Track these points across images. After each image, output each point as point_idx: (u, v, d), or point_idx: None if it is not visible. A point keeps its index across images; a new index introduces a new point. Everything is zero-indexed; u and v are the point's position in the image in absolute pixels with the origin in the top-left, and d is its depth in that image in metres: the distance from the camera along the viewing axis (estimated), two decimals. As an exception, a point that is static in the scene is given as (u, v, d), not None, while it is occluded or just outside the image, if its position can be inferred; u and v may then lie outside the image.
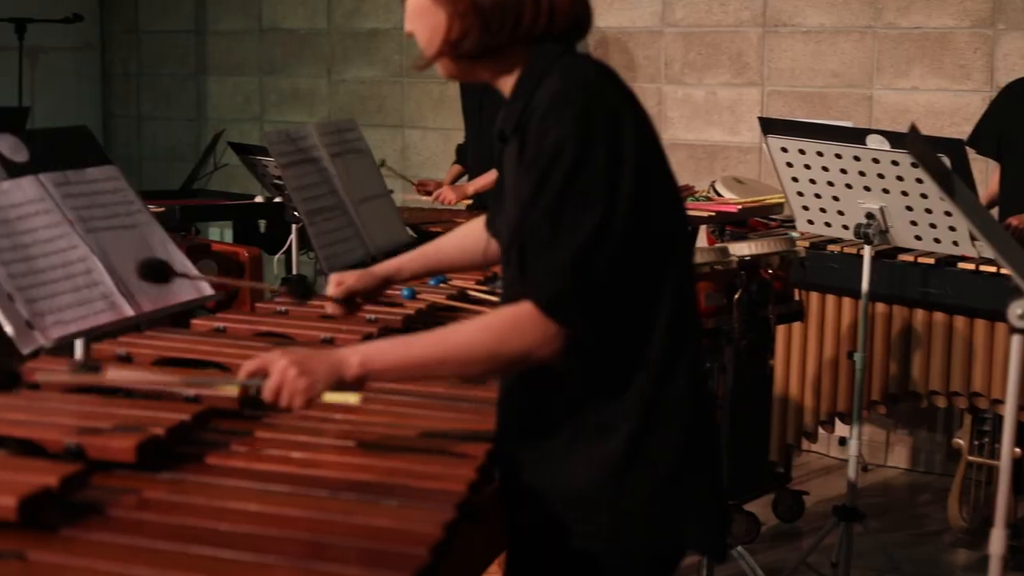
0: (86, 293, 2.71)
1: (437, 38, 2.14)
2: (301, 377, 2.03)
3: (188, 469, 2.02)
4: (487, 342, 2.02)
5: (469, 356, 2.03)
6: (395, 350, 2.07)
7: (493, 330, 2.02)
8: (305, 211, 3.64)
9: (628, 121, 2.03)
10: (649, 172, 2.05)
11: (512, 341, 2.00)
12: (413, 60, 2.27)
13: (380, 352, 2.07)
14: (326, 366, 2.04)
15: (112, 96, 9.04)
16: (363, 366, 2.04)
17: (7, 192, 2.73)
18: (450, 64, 2.18)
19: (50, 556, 1.67)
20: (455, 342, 2.04)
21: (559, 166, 1.98)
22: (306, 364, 2.04)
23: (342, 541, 1.74)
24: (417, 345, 2.06)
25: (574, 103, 2.01)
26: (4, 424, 2.10)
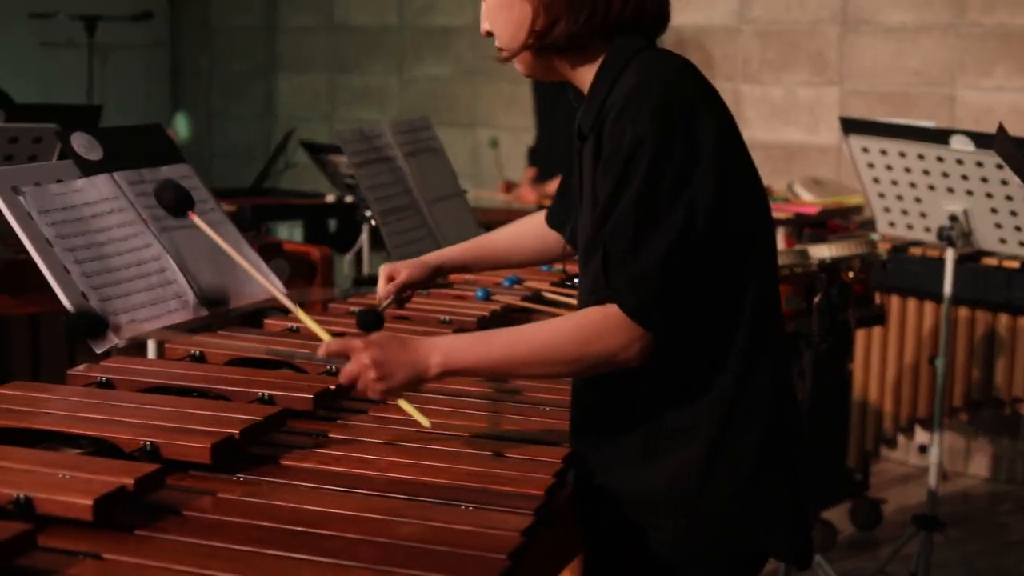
0: (159, 292, 2.69)
1: (522, 31, 2.10)
2: (380, 381, 2.02)
3: (262, 471, 2.00)
4: (571, 344, 1.98)
5: (552, 357, 2.00)
6: (476, 349, 2.03)
7: (577, 332, 1.98)
8: (378, 211, 3.61)
9: (708, 117, 1.99)
10: (729, 169, 2.01)
11: (596, 344, 1.96)
12: (492, 55, 2.22)
13: (460, 351, 2.03)
14: (405, 370, 2.02)
15: (182, 93, 9.08)
16: (443, 367, 2.02)
17: (82, 190, 2.72)
18: (531, 59, 2.14)
19: (125, 556, 1.66)
20: (538, 343, 2.01)
21: (637, 165, 1.94)
22: (386, 366, 2.01)
23: (420, 545, 1.71)
24: (498, 345, 2.03)
25: (652, 98, 1.97)
26: (80, 423, 2.09)
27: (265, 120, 8.66)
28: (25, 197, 2.60)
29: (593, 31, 2.07)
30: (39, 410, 2.20)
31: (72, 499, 1.71)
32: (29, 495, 1.72)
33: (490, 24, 2.17)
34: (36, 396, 2.29)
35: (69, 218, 2.65)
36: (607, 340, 1.96)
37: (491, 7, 2.16)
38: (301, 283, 4.19)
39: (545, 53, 2.12)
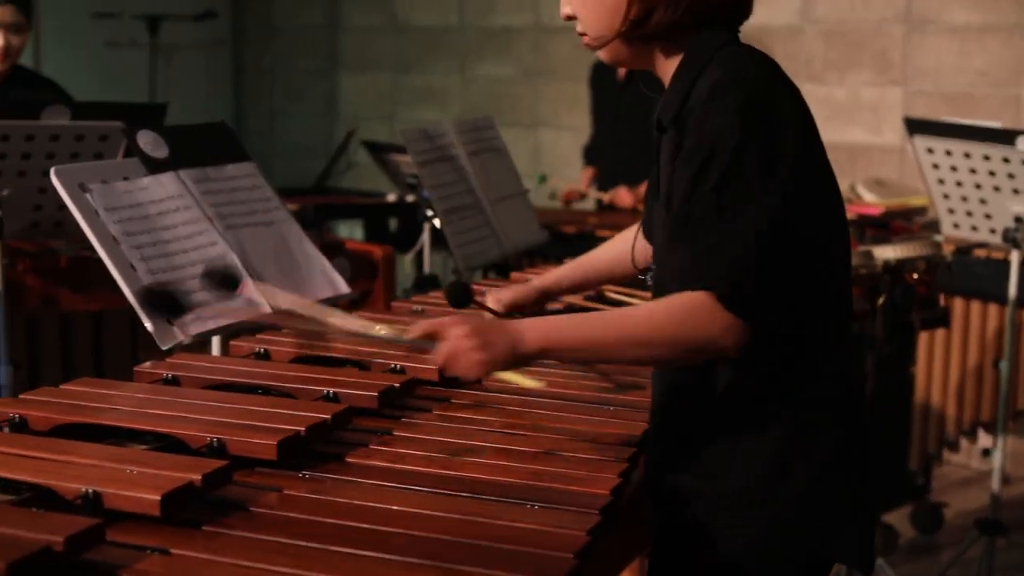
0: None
1: (616, 18, 2.05)
2: (478, 351, 1.96)
3: (328, 468, 2.01)
4: (668, 327, 1.93)
5: (650, 339, 1.94)
6: (574, 330, 1.99)
7: (673, 315, 1.94)
8: (441, 210, 3.62)
9: (790, 113, 1.98)
10: (809, 167, 1.99)
11: (692, 328, 1.92)
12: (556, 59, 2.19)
13: (559, 330, 1.99)
14: (504, 341, 1.96)
15: (244, 92, 9.13)
16: (541, 343, 1.96)
17: (148, 188, 2.73)
18: (621, 47, 2.10)
19: (192, 552, 1.66)
20: (635, 324, 1.96)
21: (720, 156, 1.92)
22: (485, 336, 1.97)
23: (486, 543, 1.71)
24: (597, 326, 1.99)
25: (736, 92, 1.94)
26: (146, 419, 2.10)
27: (327, 119, 8.69)
28: (92, 194, 2.62)
29: (692, 21, 2.04)
30: (106, 406, 2.22)
31: (140, 494, 1.72)
32: (97, 490, 1.73)
33: (573, 8, 2.12)
34: (103, 392, 2.31)
35: (135, 215, 2.66)
36: (704, 325, 1.92)
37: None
38: (363, 282, 4.20)
39: (637, 42, 2.08)
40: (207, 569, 1.62)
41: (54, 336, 3.90)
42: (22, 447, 1.93)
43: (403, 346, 2.50)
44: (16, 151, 3.55)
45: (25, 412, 2.17)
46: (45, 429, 2.13)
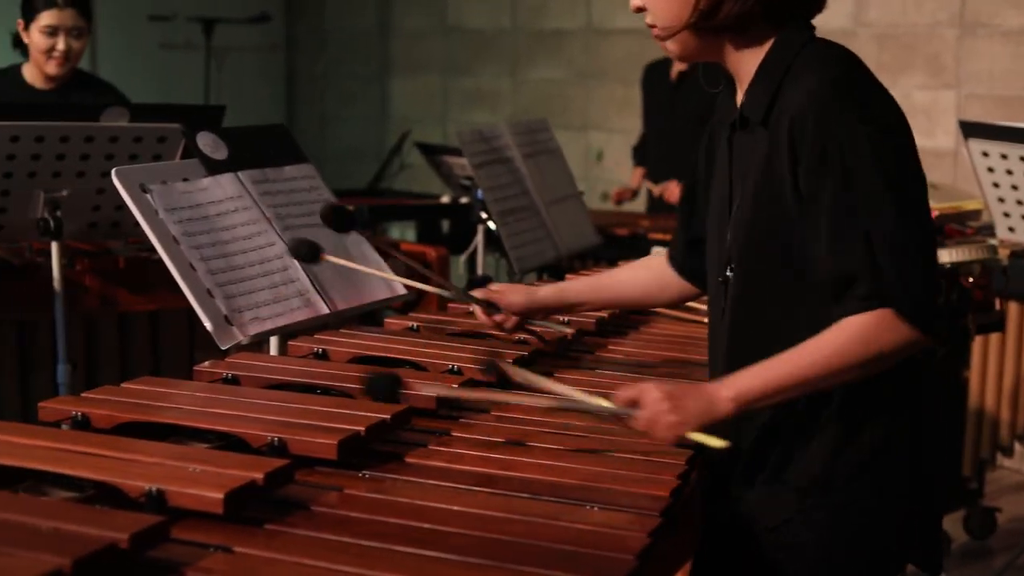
0: (283, 290, 2.72)
1: (685, 9, 2.03)
2: (672, 413, 1.99)
3: (388, 468, 2.02)
4: (857, 353, 1.95)
5: (841, 368, 1.96)
6: (763, 375, 2.00)
7: (861, 340, 1.95)
8: (497, 211, 3.63)
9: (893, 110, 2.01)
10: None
11: (875, 346, 1.94)
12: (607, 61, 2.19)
13: (749, 380, 2.00)
14: (699, 405, 2.00)
15: (296, 96, 9.17)
16: (735, 399, 2.00)
17: (207, 189, 2.76)
18: (690, 39, 2.07)
19: (255, 550, 1.68)
20: (825, 357, 1.97)
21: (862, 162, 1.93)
22: (679, 401, 2.00)
23: (546, 544, 1.72)
24: (786, 369, 1.99)
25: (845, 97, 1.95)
26: (207, 418, 2.12)
27: (378, 122, 8.72)
28: (152, 195, 2.64)
29: (762, 13, 2.03)
30: (167, 405, 2.24)
31: (203, 492, 1.74)
32: (161, 488, 1.75)
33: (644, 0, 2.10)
34: (163, 391, 2.33)
35: (195, 216, 2.69)
36: (885, 343, 1.94)
37: None
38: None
39: (707, 33, 2.06)
40: (270, 567, 1.63)
41: (111, 335, 3.93)
42: (85, 445, 1.95)
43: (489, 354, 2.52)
44: (75, 152, 3.58)
45: (87, 410, 2.19)
46: (107, 427, 2.16)
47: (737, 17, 2.02)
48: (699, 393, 2.01)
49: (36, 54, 4.55)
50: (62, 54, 4.51)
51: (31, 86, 4.66)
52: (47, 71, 4.57)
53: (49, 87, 4.66)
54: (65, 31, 4.50)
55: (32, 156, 3.53)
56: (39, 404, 2.25)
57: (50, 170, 3.59)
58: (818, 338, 1.98)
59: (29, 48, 4.59)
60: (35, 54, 4.56)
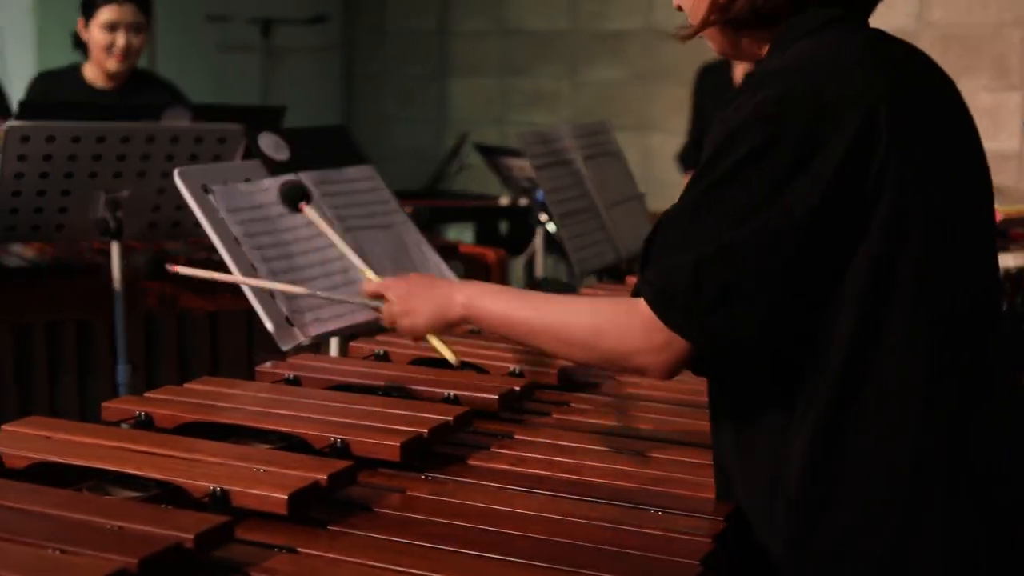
0: (343, 291, 2.72)
1: (703, 3, 1.86)
2: (405, 316, 2.07)
3: (450, 470, 2.02)
4: (586, 329, 1.79)
5: (565, 336, 1.82)
6: (499, 304, 1.92)
7: (597, 318, 1.79)
8: (558, 213, 3.62)
9: (850, 120, 1.68)
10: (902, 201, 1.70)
11: (612, 336, 1.76)
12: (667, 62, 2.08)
13: (483, 301, 1.95)
14: (430, 306, 2.02)
15: (354, 96, 9.19)
16: (466, 309, 1.97)
17: (269, 190, 2.76)
18: (719, 36, 1.90)
19: (319, 551, 1.68)
20: (556, 317, 1.84)
21: (722, 157, 1.69)
22: (410, 303, 2.05)
23: (610, 548, 1.71)
24: (521, 307, 1.89)
25: (772, 86, 1.71)
26: (270, 418, 2.12)
27: (436, 124, 8.72)
28: (215, 195, 2.65)
29: (780, 4, 1.81)
30: (229, 405, 2.25)
31: (267, 493, 1.74)
32: (226, 488, 1.76)
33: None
34: (226, 391, 2.34)
35: (256, 217, 2.69)
36: (624, 335, 1.74)
37: None
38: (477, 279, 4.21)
39: (731, 29, 1.87)
40: (333, 568, 1.64)
41: (171, 336, 3.94)
42: (148, 444, 1.96)
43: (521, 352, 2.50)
44: (136, 153, 3.60)
45: (150, 410, 2.20)
46: (170, 427, 2.16)
47: (753, 10, 1.82)
48: (434, 293, 2.02)
49: (97, 51, 4.59)
50: (122, 50, 4.56)
51: (91, 86, 4.70)
52: (108, 67, 4.61)
53: (109, 86, 4.70)
54: (125, 26, 4.55)
55: (93, 156, 3.55)
56: (102, 404, 2.27)
57: (111, 170, 3.60)
58: (574, 298, 1.95)
59: (89, 46, 4.62)
60: (96, 51, 4.60)
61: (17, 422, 2.09)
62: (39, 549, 1.51)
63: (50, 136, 3.48)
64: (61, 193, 3.58)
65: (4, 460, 1.93)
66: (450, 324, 2.01)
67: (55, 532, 1.56)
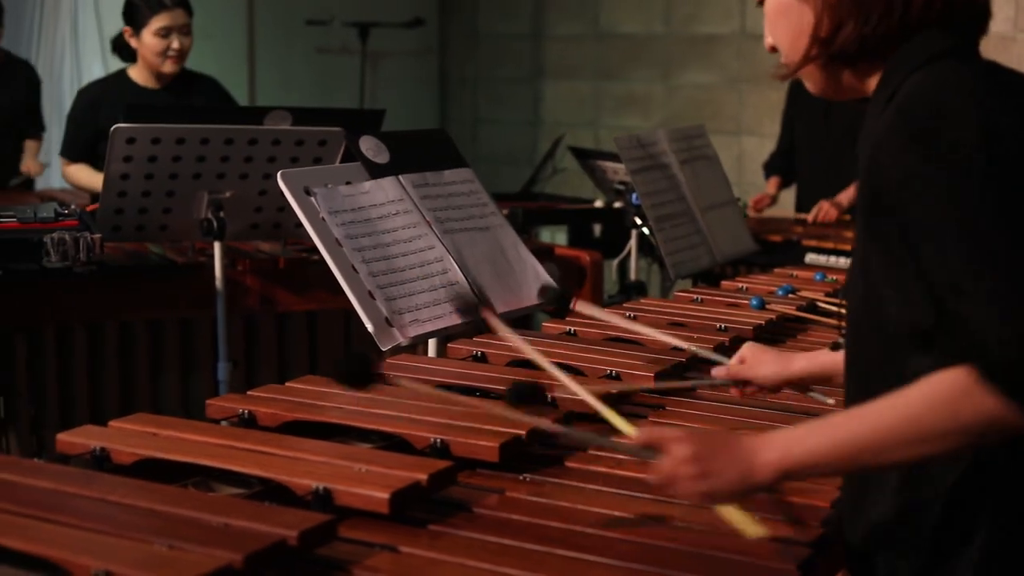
0: (442, 293, 2.75)
1: (803, 39, 1.78)
2: (699, 480, 1.69)
3: (548, 472, 2.03)
4: (937, 418, 1.58)
5: (916, 436, 1.60)
6: (819, 442, 1.66)
7: (941, 402, 1.58)
8: (653, 217, 3.63)
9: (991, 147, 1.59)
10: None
11: (967, 412, 1.57)
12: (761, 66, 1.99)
13: (801, 449, 1.66)
14: (734, 472, 1.68)
15: (449, 99, 9.23)
16: (780, 464, 1.66)
17: (369, 192, 2.79)
18: (819, 73, 1.81)
19: (419, 550, 1.70)
20: (892, 422, 1.61)
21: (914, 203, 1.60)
22: (710, 464, 1.68)
23: (708, 552, 1.72)
24: (843, 432, 1.65)
25: (912, 122, 1.62)
26: (371, 418, 2.15)
27: (529, 127, 8.75)
28: (317, 198, 2.69)
29: (888, 35, 1.72)
30: (331, 404, 2.28)
31: (370, 492, 1.77)
32: (328, 487, 1.78)
33: (772, 36, 1.87)
34: (326, 391, 2.37)
35: (357, 219, 2.72)
36: (976, 409, 1.56)
37: (770, 16, 1.85)
38: (571, 287, 4.22)
39: (833, 65, 1.79)
40: (434, 568, 1.66)
41: (270, 335, 4.00)
42: (252, 442, 1.99)
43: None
44: (239, 155, 3.66)
45: (253, 408, 2.24)
46: (273, 425, 2.20)
47: (860, 42, 1.74)
48: (735, 454, 1.68)
49: (150, 56, 4.73)
50: (177, 52, 4.70)
51: (143, 87, 4.82)
52: (164, 70, 4.76)
53: (158, 86, 4.83)
54: (177, 30, 4.70)
55: (197, 158, 3.61)
56: (206, 401, 2.31)
57: (214, 172, 3.66)
58: (890, 398, 1.63)
59: (140, 52, 4.75)
60: (149, 56, 4.73)
61: (124, 419, 2.13)
62: (147, 544, 1.54)
63: (155, 138, 3.54)
64: (165, 194, 3.65)
65: (112, 456, 1.98)
66: (758, 489, 1.70)
67: (163, 527, 1.59)
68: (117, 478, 1.84)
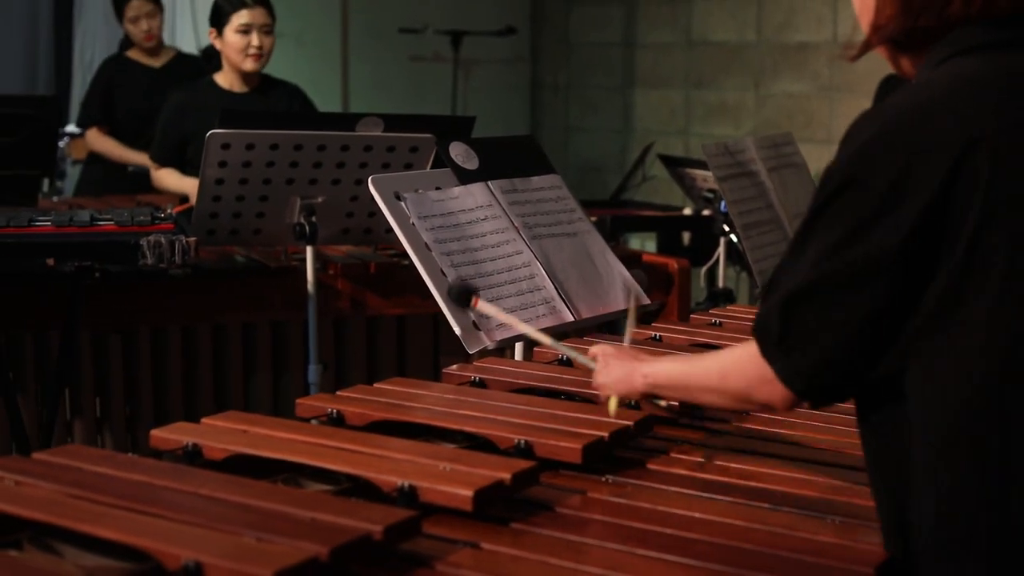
0: (529, 297, 2.78)
1: (866, 22, 1.82)
2: (600, 375, 2.20)
3: (630, 473, 2.06)
4: (715, 373, 1.89)
5: (705, 385, 1.93)
6: (671, 372, 2.06)
7: (722, 360, 1.90)
8: (740, 224, 3.63)
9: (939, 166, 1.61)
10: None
11: (734, 375, 1.84)
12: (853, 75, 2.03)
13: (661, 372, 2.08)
14: (619, 373, 2.16)
15: (540, 107, 9.27)
16: (646, 382, 2.10)
17: (458, 198, 2.83)
18: (885, 55, 1.86)
19: (501, 547, 1.73)
20: (698, 370, 1.97)
21: (819, 195, 1.70)
22: (609, 365, 2.20)
23: (785, 554, 1.73)
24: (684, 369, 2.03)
25: (872, 124, 1.69)
26: (456, 419, 2.19)
27: (620, 135, 8.76)
28: (406, 203, 2.73)
29: (930, 28, 1.74)
30: (417, 405, 2.32)
31: (454, 489, 1.80)
32: (414, 484, 1.82)
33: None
34: (414, 392, 2.42)
35: (446, 224, 2.76)
36: (742, 375, 1.81)
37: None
38: (659, 294, 4.24)
39: (891, 50, 1.83)
40: (515, 565, 1.69)
41: (360, 338, 4.05)
42: (340, 440, 2.04)
43: None
44: (332, 160, 3.71)
45: (342, 408, 2.29)
46: (360, 424, 2.24)
47: (907, 33, 1.77)
48: (626, 363, 2.16)
49: (233, 55, 4.79)
50: (257, 49, 4.76)
51: (229, 91, 4.89)
52: (245, 68, 4.81)
53: (244, 90, 4.90)
54: (257, 28, 4.76)
55: (290, 163, 3.67)
56: (296, 400, 2.36)
57: (307, 177, 3.72)
58: (718, 353, 1.97)
59: (224, 52, 4.82)
60: (232, 55, 4.80)
61: (216, 416, 2.19)
62: (236, 536, 1.59)
63: (250, 144, 3.60)
64: (259, 199, 3.71)
65: (204, 452, 2.03)
66: (635, 393, 2.17)
67: (252, 520, 1.64)
68: (208, 472, 1.89)
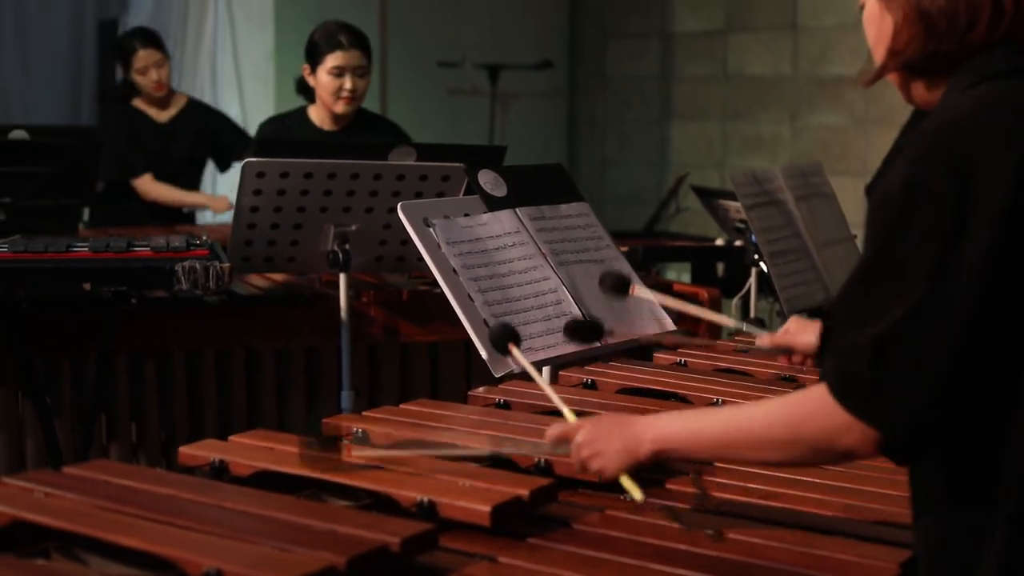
0: (555, 323, 2.81)
1: (881, 48, 1.79)
2: (593, 459, 1.92)
3: (650, 492, 2.07)
4: (783, 426, 1.74)
5: (763, 440, 1.76)
6: (687, 430, 1.86)
7: (788, 413, 1.74)
8: (768, 252, 3.66)
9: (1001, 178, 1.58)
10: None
11: (808, 427, 1.70)
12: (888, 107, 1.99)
13: (673, 432, 1.87)
14: (618, 447, 1.90)
15: (577, 140, 9.31)
16: (655, 444, 1.87)
17: (487, 224, 2.87)
18: (899, 82, 1.82)
19: (518, 561, 1.76)
20: (750, 424, 1.79)
21: (878, 225, 1.64)
22: (597, 444, 1.92)
23: (802, 571, 1.76)
24: (708, 425, 1.86)
25: (921, 146, 1.63)
26: (479, 438, 2.22)
27: (657, 168, 8.79)
28: (435, 228, 2.77)
29: (952, 52, 1.72)
30: (441, 425, 2.36)
31: (472, 505, 1.84)
32: (433, 499, 1.86)
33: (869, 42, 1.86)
34: (438, 412, 2.46)
35: (474, 249, 2.80)
36: (818, 424, 1.68)
37: (864, 23, 1.85)
38: (689, 323, 4.26)
39: (906, 75, 1.80)
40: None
41: (393, 364, 4.08)
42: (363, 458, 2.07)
43: None
44: (365, 189, 3.75)
45: (367, 427, 2.33)
46: (385, 444, 2.28)
47: (928, 58, 1.74)
48: (620, 434, 1.90)
49: (325, 95, 4.79)
50: (350, 93, 4.75)
51: (319, 128, 4.90)
52: (336, 110, 4.81)
53: (335, 128, 4.90)
54: (351, 71, 4.75)
55: (324, 192, 3.71)
56: (323, 420, 2.40)
57: (340, 205, 3.76)
58: (759, 403, 1.82)
59: (316, 91, 4.83)
60: (324, 96, 4.80)
61: (243, 434, 2.23)
62: (257, 546, 1.63)
63: (284, 172, 3.65)
64: (293, 226, 3.75)
65: (230, 468, 2.07)
66: (641, 463, 1.90)
67: (273, 532, 1.68)
68: (233, 487, 1.94)
